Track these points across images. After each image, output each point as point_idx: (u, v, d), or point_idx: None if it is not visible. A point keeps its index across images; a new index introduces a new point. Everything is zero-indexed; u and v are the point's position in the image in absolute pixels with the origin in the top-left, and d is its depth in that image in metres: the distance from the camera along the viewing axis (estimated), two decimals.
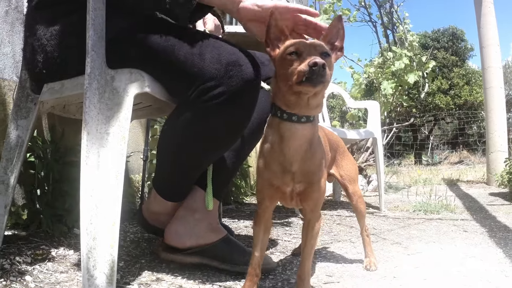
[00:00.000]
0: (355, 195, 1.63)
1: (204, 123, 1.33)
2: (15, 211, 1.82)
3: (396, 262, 1.74)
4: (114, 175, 1.25)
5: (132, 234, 2.07)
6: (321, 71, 0.99)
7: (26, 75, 1.58)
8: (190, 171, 1.48)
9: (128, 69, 1.30)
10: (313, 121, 1.13)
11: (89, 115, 1.25)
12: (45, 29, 1.37)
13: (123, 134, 1.28)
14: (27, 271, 1.35)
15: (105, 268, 1.20)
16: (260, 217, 1.27)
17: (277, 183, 1.19)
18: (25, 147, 1.58)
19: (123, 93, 1.29)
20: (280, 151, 1.15)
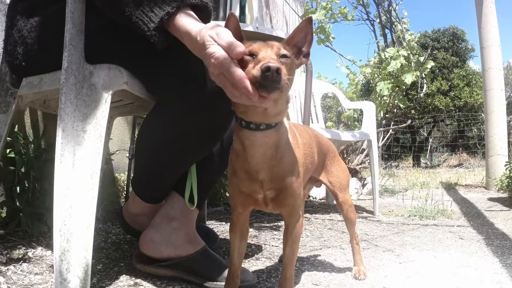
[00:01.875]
0: (346, 204, 1.58)
1: (182, 124, 1.30)
2: None
3: (387, 271, 1.72)
4: (89, 174, 1.22)
5: (114, 236, 2.04)
6: (275, 76, 0.90)
7: (6, 68, 1.55)
8: (168, 173, 1.45)
9: (107, 64, 1.27)
10: (275, 126, 1.07)
11: (65, 111, 1.21)
12: (26, 20, 1.34)
13: (100, 132, 1.24)
14: (1, 272, 1.32)
15: (79, 272, 1.16)
16: (235, 223, 1.24)
17: (247, 191, 1.15)
18: (2, 142, 1.55)
19: (101, 90, 1.26)
20: (244, 159, 1.10)
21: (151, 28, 1.10)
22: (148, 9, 1.10)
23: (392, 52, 4.04)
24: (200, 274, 1.46)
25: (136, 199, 1.56)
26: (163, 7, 1.09)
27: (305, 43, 1.09)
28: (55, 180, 1.20)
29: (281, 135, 1.09)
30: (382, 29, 5.22)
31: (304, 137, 1.33)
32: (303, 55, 1.10)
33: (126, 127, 2.80)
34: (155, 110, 1.38)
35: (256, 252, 1.99)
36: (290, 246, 1.23)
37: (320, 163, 1.51)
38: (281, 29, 5.25)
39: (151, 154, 1.43)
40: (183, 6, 1.10)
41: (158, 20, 1.09)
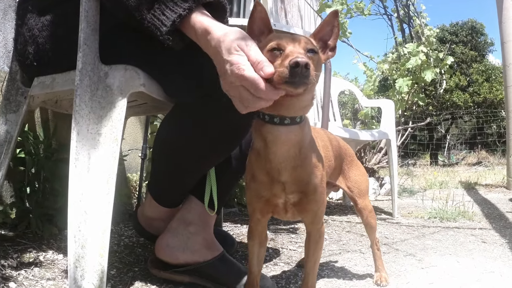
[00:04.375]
0: (366, 210, 1.56)
1: (201, 127, 1.29)
2: (3, 209, 1.79)
3: (409, 277, 1.70)
4: (105, 179, 1.21)
5: (126, 238, 2.03)
6: (304, 71, 0.90)
7: (17, 67, 1.55)
8: (186, 177, 1.44)
9: (123, 65, 1.25)
10: (300, 122, 1.05)
11: (79, 114, 1.21)
12: (37, 18, 1.33)
13: (116, 135, 1.23)
14: (12, 277, 1.32)
15: (94, 279, 1.16)
16: (253, 230, 1.22)
17: (267, 195, 1.12)
18: (13, 143, 1.54)
19: (117, 91, 1.25)
20: (266, 158, 1.08)
21: (163, 32, 1.08)
22: (159, 12, 1.09)
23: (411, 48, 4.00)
24: (218, 281, 1.45)
25: (152, 203, 1.55)
26: (175, 9, 1.07)
27: (331, 37, 1.08)
28: (70, 184, 1.19)
29: (305, 133, 1.07)
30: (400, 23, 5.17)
31: (322, 139, 1.31)
32: (330, 48, 1.09)
33: (139, 126, 2.80)
34: (172, 113, 1.37)
35: (274, 256, 1.98)
36: (312, 255, 1.21)
37: (338, 167, 1.49)
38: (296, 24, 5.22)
39: (169, 157, 1.41)
40: (196, 6, 1.08)
41: (170, 24, 1.07)
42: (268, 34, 1.05)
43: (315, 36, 1.07)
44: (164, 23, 1.08)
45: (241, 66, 0.94)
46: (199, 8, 1.09)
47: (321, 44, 1.08)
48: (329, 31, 1.08)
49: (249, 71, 0.93)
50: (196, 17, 1.07)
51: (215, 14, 1.12)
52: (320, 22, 1.09)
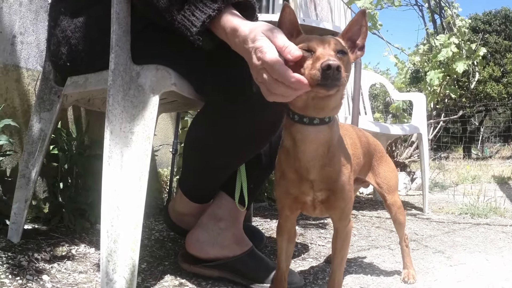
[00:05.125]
0: (394, 206, 1.57)
1: (232, 125, 1.32)
2: (36, 204, 1.87)
3: (437, 275, 1.70)
4: (137, 176, 1.26)
5: (157, 233, 2.09)
6: (335, 74, 0.92)
7: (50, 67, 1.60)
8: (216, 174, 1.48)
9: (155, 65, 1.29)
10: (329, 122, 1.08)
11: (112, 113, 1.25)
12: (69, 20, 1.38)
13: (148, 134, 1.28)
14: (45, 270, 1.39)
15: (125, 273, 1.21)
16: (282, 226, 1.25)
17: (295, 193, 1.15)
18: (47, 140, 1.61)
19: (148, 91, 1.29)
20: (295, 157, 1.10)
21: (193, 33, 1.11)
22: (189, 13, 1.12)
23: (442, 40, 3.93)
24: (246, 276, 1.48)
25: (183, 198, 1.59)
26: (204, 10, 1.10)
27: (359, 36, 1.10)
28: (103, 181, 1.24)
29: (333, 132, 1.10)
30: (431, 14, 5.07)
31: (350, 137, 1.33)
32: (358, 48, 1.10)
33: (170, 122, 2.85)
34: (204, 111, 1.40)
35: (302, 251, 2.00)
36: (339, 251, 1.24)
37: (367, 163, 1.50)
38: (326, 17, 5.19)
39: (200, 154, 1.45)
40: (226, 7, 1.10)
41: (200, 24, 1.10)
42: (297, 36, 1.07)
43: (343, 36, 1.09)
44: (194, 23, 1.11)
45: (264, 49, 0.97)
46: (229, 8, 1.11)
47: (350, 43, 1.10)
48: (357, 31, 1.09)
49: (271, 53, 0.96)
50: (226, 17, 1.10)
51: (244, 13, 1.15)
52: (349, 22, 1.11)
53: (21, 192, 1.61)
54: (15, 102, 1.81)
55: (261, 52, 0.97)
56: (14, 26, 1.78)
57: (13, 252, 1.45)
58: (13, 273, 1.30)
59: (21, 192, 1.61)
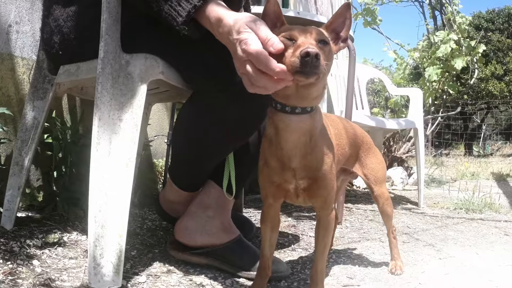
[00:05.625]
0: (382, 198, 1.59)
1: (219, 113, 1.34)
2: (30, 192, 1.90)
3: (425, 267, 1.72)
4: (125, 163, 1.29)
5: (150, 222, 2.12)
6: (314, 61, 0.94)
7: (44, 56, 1.63)
8: (204, 162, 1.50)
9: (144, 54, 1.32)
10: (311, 112, 1.10)
11: (101, 100, 1.28)
12: (62, 9, 1.41)
13: (136, 122, 1.30)
14: (36, 255, 1.41)
15: (113, 258, 1.24)
16: (265, 214, 1.27)
17: (278, 180, 1.17)
18: (40, 128, 1.63)
19: (137, 79, 1.31)
20: (277, 145, 1.13)
21: (179, 23, 1.14)
22: (176, 3, 1.14)
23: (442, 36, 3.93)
24: (233, 263, 1.51)
25: (173, 186, 1.62)
26: (190, 0, 1.12)
27: (343, 28, 1.12)
28: (91, 167, 1.27)
29: (315, 122, 1.12)
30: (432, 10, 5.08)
31: (335, 127, 1.35)
32: (341, 40, 1.13)
33: (165, 113, 2.88)
34: (191, 99, 1.43)
35: (293, 242, 2.03)
36: (321, 239, 1.26)
37: (353, 154, 1.52)
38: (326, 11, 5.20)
39: (188, 143, 1.48)
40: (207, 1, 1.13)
41: (185, 14, 1.13)
42: (281, 26, 1.09)
43: (327, 28, 1.11)
44: (180, 13, 1.14)
45: (248, 41, 0.99)
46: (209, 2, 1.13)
47: (334, 35, 1.12)
48: (342, 23, 1.11)
49: (255, 45, 0.98)
50: (211, 7, 1.12)
51: (229, 3, 1.17)
52: (333, 14, 1.13)
53: (14, 180, 1.63)
54: (10, 91, 1.84)
55: (245, 44, 1.00)
56: (10, 15, 1.81)
57: (5, 238, 1.48)
58: (4, 258, 1.32)
59: (14, 180, 1.63)
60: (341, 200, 2.51)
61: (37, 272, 1.28)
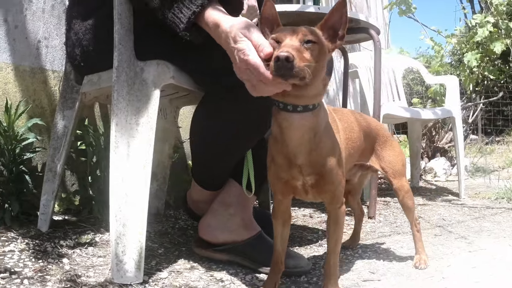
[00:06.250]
0: (401, 190, 1.59)
1: (230, 114, 1.40)
2: (66, 197, 2.02)
3: (452, 260, 1.71)
4: (142, 164, 1.37)
5: (182, 222, 2.19)
6: (285, 65, 0.97)
7: (70, 67, 1.74)
8: (221, 161, 1.56)
9: (156, 60, 1.40)
10: (313, 109, 1.13)
11: (117, 106, 1.37)
12: (80, 23, 1.51)
13: (151, 125, 1.39)
14: (67, 254, 1.52)
15: (134, 254, 1.33)
16: (276, 210, 1.32)
17: (285, 177, 1.22)
18: (70, 136, 1.75)
19: (151, 84, 1.40)
20: (283, 143, 1.17)
21: (181, 29, 1.21)
22: (178, 11, 1.21)
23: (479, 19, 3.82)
24: (254, 259, 1.56)
25: (196, 186, 1.70)
26: (190, 7, 1.19)
27: (340, 25, 1.12)
28: (111, 170, 1.36)
29: (319, 119, 1.15)
30: None
31: (345, 121, 1.37)
32: (339, 38, 1.13)
33: None
34: (202, 101, 1.50)
35: (322, 238, 2.06)
36: (332, 234, 1.29)
37: (368, 147, 1.54)
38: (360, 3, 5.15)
39: (203, 144, 1.55)
40: (209, 2, 1.19)
41: (186, 21, 1.20)
42: (277, 28, 1.13)
43: (323, 26, 1.12)
44: (181, 20, 1.21)
45: (246, 51, 1.05)
46: (212, 4, 1.20)
47: (332, 32, 1.12)
48: (339, 20, 1.11)
49: (253, 56, 1.04)
50: (208, 13, 1.19)
51: (230, 8, 1.22)
52: (329, 10, 1.13)
53: (49, 185, 1.75)
54: (43, 102, 1.97)
55: (243, 55, 1.06)
56: (39, 31, 1.94)
57: (40, 240, 1.60)
58: (37, 257, 1.44)
59: (48, 185, 1.75)
60: (373, 194, 2.52)
61: (65, 269, 1.39)
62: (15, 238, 1.56)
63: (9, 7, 1.85)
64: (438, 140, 4.50)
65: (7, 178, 1.70)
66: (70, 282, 1.28)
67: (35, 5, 1.92)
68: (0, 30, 1.82)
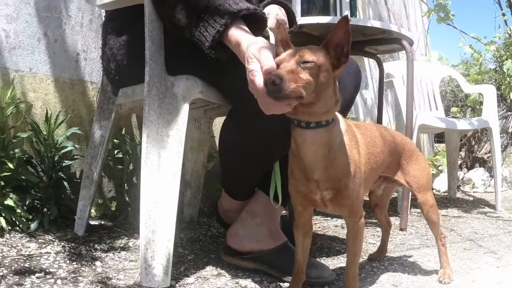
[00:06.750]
0: (426, 205, 1.60)
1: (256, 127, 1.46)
2: (103, 202, 2.13)
3: (478, 276, 1.70)
4: (172, 174, 1.45)
5: (214, 229, 2.26)
6: (272, 87, 1.03)
7: (107, 80, 1.84)
8: (249, 173, 1.63)
9: (185, 75, 1.47)
10: (326, 125, 1.17)
11: (149, 119, 1.45)
12: (115, 39, 1.61)
13: (180, 137, 1.46)
14: (100, 258, 1.61)
15: (162, 259, 1.40)
16: (297, 222, 1.37)
17: (304, 191, 1.26)
18: (106, 145, 1.85)
19: (181, 98, 1.47)
20: (299, 158, 1.22)
21: (207, 47, 1.28)
22: (203, 29, 1.28)
23: None
24: (279, 268, 1.61)
25: (226, 196, 1.77)
26: (214, 26, 1.26)
27: (345, 43, 1.13)
28: (142, 179, 1.44)
29: (333, 135, 1.19)
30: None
31: (368, 136, 1.39)
32: (344, 55, 1.14)
33: None
34: (230, 114, 1.56)
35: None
36: (351, 248, 1.33)
37: (394, 162, 1.56)
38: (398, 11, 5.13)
39: (231, 155, 1.61)
40: (232, 21, 1.26)
41: (211, 39, 1.27)
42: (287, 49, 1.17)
43: (327, 45, 1.14)
44: (207, 38, 1.28)
45: (254, 72, 1.11)
46: (235, 22, 1.27)
47: (339, 49, 1.13)
48: (343, 38, 1.13)
49: (259, 78, 1.10)
50: (231, 31, 1.25)
51: (254, 25, 1.28)
52: (332, 30, 1.15)
53: (86, 191, 1.86)
54: (82, 112, 2.09)
55: (252, 75, 1.13)
56: (77, 45, 2.06)
57: (76, 243, 1.70)
58: (71, 259, 1.54)
59: (85, 191, 1.86)
60: (405, 206, 2.52)
61: (97, 272, 1.48)
62: (52, 240, 1.67)
63: (49, 22, 1.98)
64: (477, 150, 4.42)
65: (46, 184, 1.82)
66: (101, 284, 1.37)
67: (73, 19, 2.05)
68: (40, 44, 1.95)
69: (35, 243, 1.65)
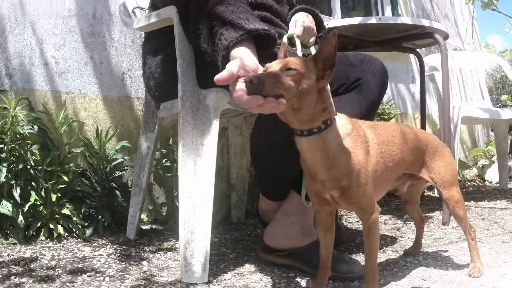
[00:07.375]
0: (451, 201, 1.64)
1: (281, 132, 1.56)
2: (154, 208, 2.32)
3: (509, 269, 1.70)
4: (207, 179, 1.59)
5: (259, 229, 2.38)
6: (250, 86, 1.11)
7: (149, 96, 2.03)
8: (278, 174, 1.75)
9: (215, 88, 1.62)
10: (319, 132, 1.25)
11: (184, 130, 1.61)
12: (152, 58, 1.78)
13: (213, 143, 1.62)
14: (147, 258, 1.79)
15: (200, 258, 1.55)
16: (318, 219, 1.47)
17: (315, 190, 1.37)
18: (151, 155, 2.03)
19: (212, 110, 1.63)
20: (303, 161, 1.33)
21: (219, 64, 1.42)
22: (216, 48, 1.42)
23: None
24: (312, 264, 1.71)
25: (263, 197, 1.90)
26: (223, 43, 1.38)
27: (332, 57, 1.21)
28: (180, 186, 1.59)
29: (328, 140, 1.27)
30: None
31: (384, 135, 1.46)
32: (329, 67, 1.22)
33: None
34: (257, 120, 1.69)
35: (388, 244, 2.13)
36: (367, 243, 1.41)
37: (418, 159, 1.61)
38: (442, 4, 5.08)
39: (261, 160, 1.75)
40: (238, 42, 1.36)
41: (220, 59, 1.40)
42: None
43: (316, 57, 1.23)
44: (217, 58, 1.42)
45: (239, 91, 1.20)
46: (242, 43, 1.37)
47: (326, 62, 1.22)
48: (330, 51, 1.20)
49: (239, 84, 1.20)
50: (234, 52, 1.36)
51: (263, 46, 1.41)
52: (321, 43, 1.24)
53: (135, 198, 2.05)
54: (131, 126, 2.29)
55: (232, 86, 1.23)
56: (122, 65, 2.27)
57: (127, 245, 1.89)
58: (121, 260, 1.72)
59: (135, 198, 2.05)
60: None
61: (143, 270, 1.65)
62: (105, 244, 1.87)
63: (94, 46, 2.20)
64: None
65: (100, 194, 2.03)
66: (145, 281, 1.54)
67: (116, 42, 2.26)
68: (88, 66, 2.17)
69: (89, 247, 1.85)
